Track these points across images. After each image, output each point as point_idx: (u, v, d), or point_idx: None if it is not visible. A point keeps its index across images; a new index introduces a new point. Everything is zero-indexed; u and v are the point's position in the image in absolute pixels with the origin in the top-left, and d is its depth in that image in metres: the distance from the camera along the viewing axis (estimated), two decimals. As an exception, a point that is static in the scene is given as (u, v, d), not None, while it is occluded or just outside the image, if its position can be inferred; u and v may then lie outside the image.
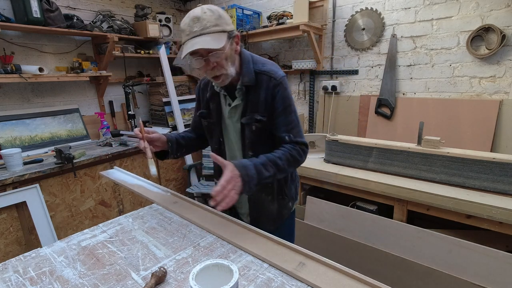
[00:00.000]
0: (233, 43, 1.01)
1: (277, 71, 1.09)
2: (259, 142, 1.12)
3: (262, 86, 1.07)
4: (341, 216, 1.89)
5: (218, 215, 1.13)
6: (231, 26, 0.98)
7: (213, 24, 0.93)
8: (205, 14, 0.93)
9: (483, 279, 1.40)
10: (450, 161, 1.66)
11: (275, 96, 1.07)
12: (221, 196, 0.87)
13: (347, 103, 2.63)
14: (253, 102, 1.08)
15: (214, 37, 0.93)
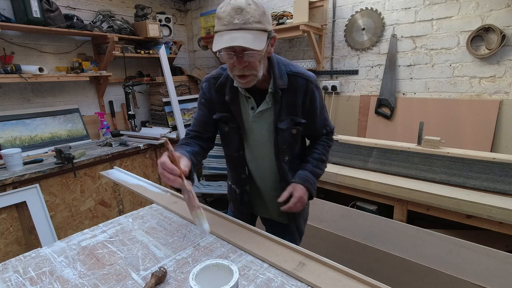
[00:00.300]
0: (269, 44, 0.93)
1: (309, 72, 1.06)
2: (296, 145, 1.12)
3: (298, 88, 1.02)
4: (341, 216, 1.89)
5: (218, 215, 1.13)
6: (271, 26, 0.91)
7: (256, 20, 0.84)
8: (249, 6, 0.83)
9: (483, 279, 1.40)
10: (450, 161, 1.66)
11: (313, 98, 1.06)
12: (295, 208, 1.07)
13: (347, 103, 2.63)
14: (290, 105, 1.03)
15: (256, 35, 0.84)
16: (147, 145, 2.63)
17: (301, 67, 1.07)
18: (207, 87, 1.10)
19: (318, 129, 1.15)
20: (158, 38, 3.07)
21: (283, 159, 1.10)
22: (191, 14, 3.76)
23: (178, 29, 3.75)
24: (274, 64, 1.00)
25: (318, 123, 1.13)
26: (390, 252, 1.66)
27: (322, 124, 1.14)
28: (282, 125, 1.04)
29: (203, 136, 1.14)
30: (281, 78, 0.99)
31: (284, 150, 1.09)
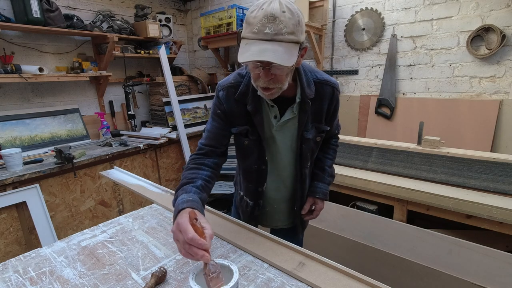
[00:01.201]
0: (299, 56, 0.83)
1: (333, 79, 1.03)
2: (317, 150, 1.11)
3: (325, 96, 0.99)
4: (341, 216, 1.89)
5: (219, 215, 1.13)
6: (304, 35, 0.80)
7: (289, 31, 0.75)
8: (283, 14, 0.74)
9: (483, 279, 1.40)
10: (450, 161, 1.66)
11: (337, 105, 1.06)
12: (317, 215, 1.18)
13: (347, 103, 2.63)
14: (316, 113, 1.00)
15: (287, 49, 0.76)
16: (147, 145, 2.63)
17: (324, 73, 1.03)
18: (225, 97, 0.97)
19: (331, 130, 1.14)
20: (158, 38, 3.07)
21: (305, 166, 1.07)
22: (191, 14, 3.76)
23: (178, 29, 3.75)
24: (302, 73, 0.94)
25: (334, 126, 1.15)
26: (390, 252, 1.66)
27: (336, 125, 1.17)
28: (309, 134, 1.00)
29: (217, 151, 1.00)
30: (309, 87, 0.94)
31: (307, 157, 1.05)
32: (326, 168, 1.16)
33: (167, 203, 1.25)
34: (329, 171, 1.17)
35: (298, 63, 0.88)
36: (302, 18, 0.78)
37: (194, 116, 3.34)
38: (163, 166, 2.90)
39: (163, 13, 3.28)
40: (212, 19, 2.93)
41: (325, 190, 1.15)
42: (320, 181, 1.15)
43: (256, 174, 1.06)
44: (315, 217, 1.18)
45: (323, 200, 1.17)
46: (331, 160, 1.19)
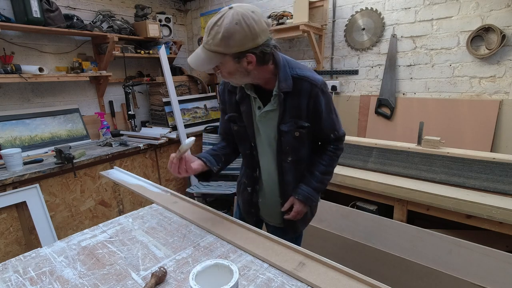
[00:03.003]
0: (242, 62, 0.94)
1: (314, 75, 1.05)
2: (301, 147, 1.12)
3: (302, 92, 1.03)
4: (341, 216, 1.89)
5: (218, 215, 1.13)
6: (241, 48, 0.90)
7: (214, 44, 0.90)
8: (215, 28, 0.89)
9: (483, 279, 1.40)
10: (450, 161, 1.66)
11: (318, 102, 1.05)
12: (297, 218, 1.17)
13: (347, 103, 2.63)
14: (294, 108, 1.05)
15: (208, 56, 0.92)
16: (147, 145, 2.63)
17: (309, 70, 1.06)
18: (222, 89, 1.18)
19: (325, 133, 1.13)
20: (158, 38, 3.07)
21: (285, 160, 1.12)
22: (191, 14, 3.76)
23: (178, 29, 3.75)
24: (280, 68, 1.01)
25: (325, 127, 1.11)
26: (390, 252, 1.66)
27: (330, 129, 1.12)
28: (285, 127, 1.06)
29: (228, 137, 1.26)
30: (285, 81, 1.01)
31: (287, 151, 1.11)
32: (315, 172, 1.14)
33: (167, 203, 1.25)
34: (319, 176, 1.14)
35: (247, 70, 0.96)
36: (236, 33, 0.87)
37: (194, 116, 3.34)
38: (163, 166, 2.90)
39: (163, 13, 3.28)
40: (212, 19, 2.93)
41: (307, 193, 1.13)
42: (305, 183, 1.15)
43: (250, 158, 1.19)
44: (291, 217, 1.16)
45: (302, 203, 1.14)
46: (325, 166, 1.15)
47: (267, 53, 0.95)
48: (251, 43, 0.90)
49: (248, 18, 0.88)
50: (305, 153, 1.15)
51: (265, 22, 0.92)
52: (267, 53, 0.95)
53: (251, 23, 0.88)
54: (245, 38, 0.89)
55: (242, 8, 0.90)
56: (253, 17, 0.88)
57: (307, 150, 1.15)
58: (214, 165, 1.14)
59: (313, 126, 1.09)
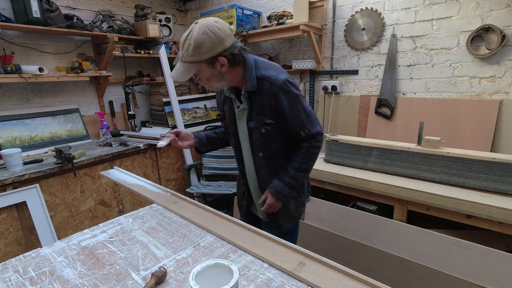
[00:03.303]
0: (215, 66, 1.06)
1: (277, 75, 1.11)
2: (270, 143, 1.19)
3: (264, 91, 1.11)
4: (341, 216, 1.89)
5: (218, 215, 1.13)
6: (212, 53, 1.02)
7: (189, 55, 1.03)
8: (187, 42, 1.02)
9: (483, 279, 1.40)
10: (450, 161, 1.66)
11: (278, 101, 1.11)
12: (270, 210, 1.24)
13: (347, 103, 2.63)
14: (258, 107, 1.13)
15: (186, 67, 1.06)
16: (147, 145, 2.63)
17: (274, 70, 1.14)
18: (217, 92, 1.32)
19: (294, 131, 1.16)
20: (158, 38, 3.06)
21: (257, 155, 1.22)
22: (191, 14, 3.76)
23: (178, 29, 3.75)
24: (247, 70, 1.12)
25: (292, 125, 1.15)
26: (390, 252, 1.66)
27: (298, 127, 1.15)
28: (252, 124, 1.17)
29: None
30: (250, 82, 1.11)
31: (257, 147, 1.20)
32: (288, 168, 1.19)
33: (167, 203, 1.25)
34: (291, 172, 1.18)
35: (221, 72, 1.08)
36: (204, 41, 1.00)
37: (194, 116, 3.34)
38: (163, 166, 2.90)
39: (163, 13, 3.27)
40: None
41: (278, 187, 1.19)
42: (278, 178, 1.21)
43: (236, 152, 1.32)
44: (264, 210, 1.24)
45: (274, 197, 1.20)
46: (298, 163, 1.18)
47: (236, 54, 1.07)
48: (219, 47, 1.02)
49: (212, 27, 1.01)
50: (277, 150, 1.20)
51: (228, 28, 1.05)
52: (236, 54, 1.07)
53: (215, 30, 1.01)
54: (214, 44, 1.01)
55: (206, 20, 1.03)
56: (216, 26, 1.01)
57: (279, 147, 1.20)
58: (203, 146, 1.39)
59: (278, 123, 1.15)
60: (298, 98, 1.13)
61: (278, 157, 1.21)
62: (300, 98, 1.14)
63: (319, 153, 1.22)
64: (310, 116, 1.16)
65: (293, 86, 1.13)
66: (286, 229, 1.31)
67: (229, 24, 1.12)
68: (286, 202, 1.24)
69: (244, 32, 2.71)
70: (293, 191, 1.21)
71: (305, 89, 2.89)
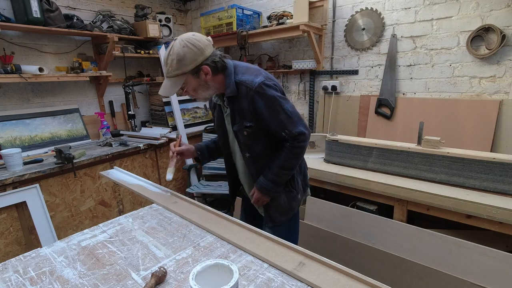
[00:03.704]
0: (200, 76, 1.12)
1: (253, 79, 1.14)
2: (254, 144, 1.23)
3: (242, 95, 1.15)
4: (341, 216, 1.89)
5: (218, 215, 1.13)
6: (195, 63, 1.08)
7: (174, 69, 1.09)
8: (170, 58, 1.08)
9: (483, 279, 1.40)
10: (450, 161, 1.66)
11: (255, 104, 1.14)
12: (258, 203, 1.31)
13: (347, 103, 2.63)
14: (239, 111, 1.18)
15: (173, 82, 1.11)
16: (147, 145, 2.63)
17: (251, 74, 1.16)
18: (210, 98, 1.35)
19: (275, 131, 1.19)
20: (158, 38, 3.07)
21: (245, 156, 1.27)
22: (191, 14, 3.76)
23: (178, 29, 3.75)
24: (227, 76, 1.17)
25: (273, 127, 1.18)
26: (390, 252, 1.66)
27: (279, 128, 1.17)
28: (235, 127, 1.22)
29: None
30: (230, 88, 1.16)
31: (243, 148, 1.26)
32: (272, 166, 1.24)
33: (167, 203, 1.25)
34: (275, 169, 1.23)
35: (205, 80, 1.14)
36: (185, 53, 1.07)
37: (194, 116, 3.34)
38: (163, 166, 2.90)
39: (163, 13, 3.28)
40: (212, 19, 2.93)
41: (263, 183, 1.24)
42: (263, 175, 1.26)
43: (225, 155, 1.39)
44: (253, 202, 1.31)
45: (260, 192, 1.26)
46: (282, 161, 1.22)
47: (217, 61, 1.13)
48: (201, 56, 1.09)
49: (191, 39, 1.08)
50: (262, 150, 1.24)
51: (206, 39, 1.13)
52: (217, 61, 1.13)
53: (194, 42, 1.08)
54: (195, 54, 1.08)
55: (184, 35, 1.10)
56: (195, 38, 1.09)
57: (263, 147, 1.24)
58: (205, 159, 1.45)
59: (258, 126, 1.19)
60: (276, 100, 1.15)
61: (264, 156, 1.26)
62: (279, 99, 1.15)
63: (303, 152, 1.25)
64: (291, 117, 1.17)
65: (270, 88, 1.15)
66: (280, 222, 1.34)
67: (206, 36, 1.17)
68: (274, 197, 1.28)
69: (244, 32, 2.71)
70: (278, 187, 1.26)
71: (305, 89, 2.89)
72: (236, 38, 2.74)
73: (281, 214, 1.33)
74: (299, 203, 1.39)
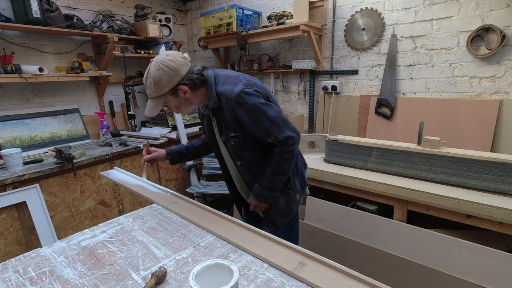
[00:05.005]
0: (179, 95, 1.14)
1: (232, 88, 1.13)
2: (243, 153, 1.24)
3: (223, 106, 1.16)
4: (341, 216, 1.89)
5: (218, 215, 1.13)
6: (171, 84, 1.10)
7: (153, 91, 1.12)
8: (148, 80, 1.11)
9: (483, 279, 1.40)
10: (450, 161, 1.66)
11: (236, 114, 1.14)
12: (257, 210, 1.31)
13: (347, 103, 2.63)
14: (224, 121, 1.19)
15: (154, 102, 1.16)
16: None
17: (230, 84, 1.16)
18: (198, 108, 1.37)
19: (262, 139, 1.18)
20: (158, 38, 3.06)
21: (236, 163, 1.28)
22: (191, 14, 3.76)
23: (178, 29, 3.75)
24: (208, 88, 1.18)
25: (258, 134, 1.17)
26: (390, 252, 1.66)
27: (264, 135, 1.16)
28: (222, 138, 1.23)
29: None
30: (212, 99, 1.17)
31: (234, 157, 1.27)
32: (265, 173, 1.23)
33: (167, 203, 1.25)
34: (268, 176, 1.22)
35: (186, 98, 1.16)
36: (161, 75, 1.09)
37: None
38: (163, 166, 2.90)
39: (163, 13, 3.28)
40: (212, 19, 2.93)
41: (258, 190, 1.24)
42: (258, 182, 1.26)
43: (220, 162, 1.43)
44: (252, 209, 1.31)
45: (256, 199, 1.26)
46: (274, 167, 1.21)
47: (194, 78, 1.13)
48: (176, 77, 1.10)
49: (164, 61, 1.09)
50: (252, 157, 1.24)
51: (180, 57, 1.13)
52: (194, 79, 1.13)
53: (168, 63, 1.09)
54: (170, 76, 1.09)
55: (159, 56, 1.11)
56: (168, 59, 1.09)
57: (253, 154, 1.24)
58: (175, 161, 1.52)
59: (243, 135, 1.18)
60: (257, 107, 1.12)
61: (256, 162, 1.26)
62: (260, 106, 1.13)
63: (293, 156, 1.22)
64: (276, 122, 1.15)
65: (250, 95, 1.12)
66: (282, 225, 1.34)
67: (182, 53, 1.18)
68: (272, 202, 1.28)
69: (244, 32, 2.71)
70: (274, 192, 1.25)
71: (305, 89, 2.89)
72: (236, 38, 2.74)
73: (281, 217, 1.33)
74: (298, 204, 1.39)
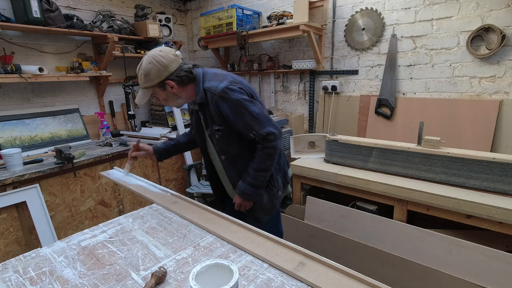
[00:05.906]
0: (167, 89, 1.21)
1: (218, 84, 1.20)
2: (228, 147, 1.29)
3: (209, 101, 1.23)
4: (341, 216, 1.89)
5: (218, 215, 1.13)
6: (159, 78, 1.18)
7: (143, 82, 1.21)
8: (139, 72, 1.19)
9: (483, 279, 1.40)
10: (450, 161, 1.66)
11: (220, 108, 1.20)
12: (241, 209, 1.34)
13: (347, 103, 2.63)
14: (210, 116, 1.25)
15: (143, 92, 1.24)
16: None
17: (216, 80, 1.23)
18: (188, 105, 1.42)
19: (244, 133, 1.23)
20: (158, 38, 3.06)
21: (220, 158, 1.33)
22: (191, 14, 3.76)
23: (178, 29, 3.75)
24: (196, 84, 1.25)
25: (240, 129, 1.22)
26: (390, 252, 1.66)
27: (246, 130, 1.21)
28: (208, 131, 1.29)
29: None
30: (199, 95, 1.24)
31: (218, 150, 1.32)
32: (249, 169, 1.27)
33: (167, 203, 1.25)
34: (252, 173, 1.26)
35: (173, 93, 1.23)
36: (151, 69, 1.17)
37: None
38: (163, 166, 2.90)
39: (163, 13, 3.27)
40: (212, 19, 2.93)
41: (242, 188, 1.28)
42: (242, 179, 1.30)
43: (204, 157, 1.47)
44: (236, 208, 1.34)
45: (240, 197, 1.29)
46: (256, 164, 1.25)
47: (182, 75, 1.20)
48: (165, 73, 1.17)
49: (156, 56, 1.16)
50: (236, 152, 1.29)
51: (172, 54, 1.19)
52: (182, 76, 1.20)
53: (159, 59, 1.16)
54: (159, 70, 1.17)
55: (152, 51, 1.18)
56: (160, 54, 1.16)
57: (237, 149, 1.28)
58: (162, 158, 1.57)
59: (227, 128, 1.24)
60: (240, 103, 1.19)
61: (240, 157, 1.30)
62: (243, 102, 1.19)
63: (276, 152, 1.25)
64: (257, 118, 1.20)
65: (234, 92, 1.19)
66: (265, 221, 1.38)
67: (174, 50, 1.23)
68: (256, 200, 1.31)
69: (244, 32, 2.71)
70: (258, 190, 1.28)
71: (305, 89, 2.89)
72: (236, 38, 2.74)
73: (265, 214, 1.37)
74: (280, 200, 1.44)
